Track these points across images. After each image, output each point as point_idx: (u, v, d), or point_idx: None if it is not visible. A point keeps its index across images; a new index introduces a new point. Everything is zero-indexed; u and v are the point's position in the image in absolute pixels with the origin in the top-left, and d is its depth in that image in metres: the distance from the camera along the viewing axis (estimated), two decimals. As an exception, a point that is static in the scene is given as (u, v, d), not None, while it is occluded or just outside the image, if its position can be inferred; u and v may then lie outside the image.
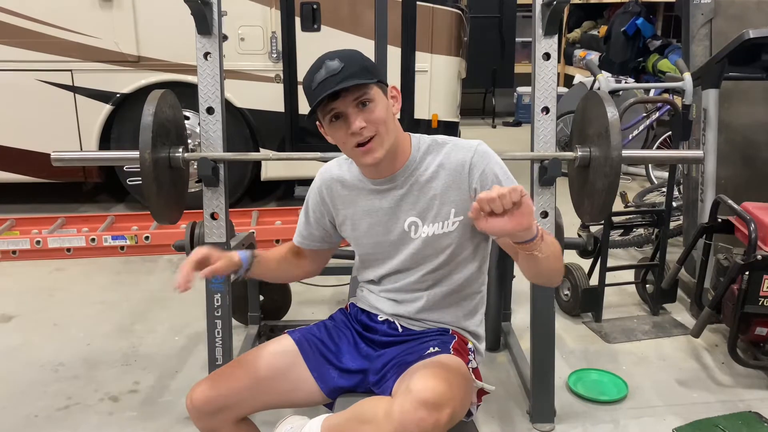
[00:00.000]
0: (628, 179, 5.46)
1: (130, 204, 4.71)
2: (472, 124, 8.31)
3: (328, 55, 1.48)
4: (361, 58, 1.49)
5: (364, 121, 1.45)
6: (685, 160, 2.89)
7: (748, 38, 2.74)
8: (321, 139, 1.61)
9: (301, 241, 1.76)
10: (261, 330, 2.76)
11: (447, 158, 1.56)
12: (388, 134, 1.49)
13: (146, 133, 1.94)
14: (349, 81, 1.41)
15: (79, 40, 4.17)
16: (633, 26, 6.53)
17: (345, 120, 1.46)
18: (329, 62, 1.44)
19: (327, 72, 1.43)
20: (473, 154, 1.53)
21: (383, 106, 1.48)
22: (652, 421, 2.31)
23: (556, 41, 2.17)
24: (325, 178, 1.68)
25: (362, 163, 1.52)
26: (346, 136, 1.47)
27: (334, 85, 1.41)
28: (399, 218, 1.59)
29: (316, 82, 1.44)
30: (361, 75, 1.44)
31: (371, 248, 1.65)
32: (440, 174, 1.55)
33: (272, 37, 4.17)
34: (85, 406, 2.39)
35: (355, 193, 1.63)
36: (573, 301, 3.08)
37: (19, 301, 3.27)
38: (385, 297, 1.68)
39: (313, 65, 1.48)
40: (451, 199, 1.55)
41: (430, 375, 1.37)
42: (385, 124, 1.48)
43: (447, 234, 1.57)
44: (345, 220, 1.66)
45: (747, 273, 2.38)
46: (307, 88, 1.48)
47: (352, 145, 1.48)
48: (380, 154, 1.48)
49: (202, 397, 1.54)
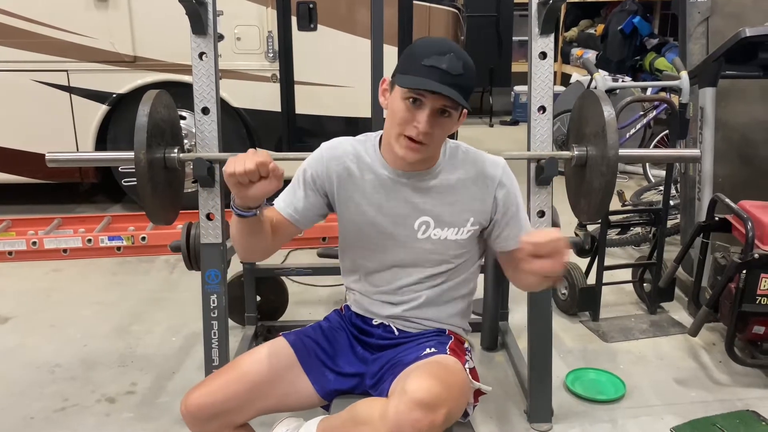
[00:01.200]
0: (626, 178, 5.46)
1: (126, 204, 4.70)
2: (470, 123, 8.30)
3: (454, 48, 1.44)
4: (473, 73, 1.47)
5: (431, 127, 1.43)
6: (683, 158, 2.89)
7: (744, 36, 2.74)
8: (318, 138, 1.59)
9: (291, 213, 1.60)
10: (258, 330, 2.76)
11: (475, 168, 1.59)
12: (437, 148, 1.53)
13: (141, 133, 1.93)
14: (458, 93, 1.40)
15: (75, 41, 4.16)
16: (630, 25, 6.53)
17: (419, 110, 1.42)
18: (455, 59, 1.41)
19: (447, 65, 1.40)
20: (503, 173, 1.59)
21: (452, 124, 1.48)
22: (650, 420, 2.31)
23: (553, 40, 2.17)
24: (338, 153, 1.60)
25: (397, 152, 1.47)
26: (408, 122, 1.43)
27: (445, 85, 1.39)
28: (411, 215, 1.57)
29: (431, 62, 1.40)
30: (466, 92, 1.44)
31: (369, 238, 1.60)
32: (467, 182, 1.57)
33: (268, 37, 4.16)
34: (82, 408, 2.38)
35: (371, 178, 1.58)
36: (570, 300, 3.07)
37: (15, 302, 3.26)
38: (379, 300, 1.65)
39: (437, 42, 1.46)
40: (473, 209, 1.58)
41: (425, 375, 1.37)
42: (442, 139, 1.51)
43: (459, 240, 1.58)
44: (349, 201, 1.59)
45: (744, 271, 2.38)
46: (417, 56, 1.43)
47: (403, 132, 1.44)
48: (418, 158, 1.48)
49: (196, 403, 1.52)
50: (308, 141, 3.89)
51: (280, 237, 1.62)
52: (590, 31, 8.02)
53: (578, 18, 8.48)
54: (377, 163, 1.58)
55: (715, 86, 2.95)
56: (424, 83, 1.39)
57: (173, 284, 3.47)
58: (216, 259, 2.19)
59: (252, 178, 1.34)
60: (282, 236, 1.63)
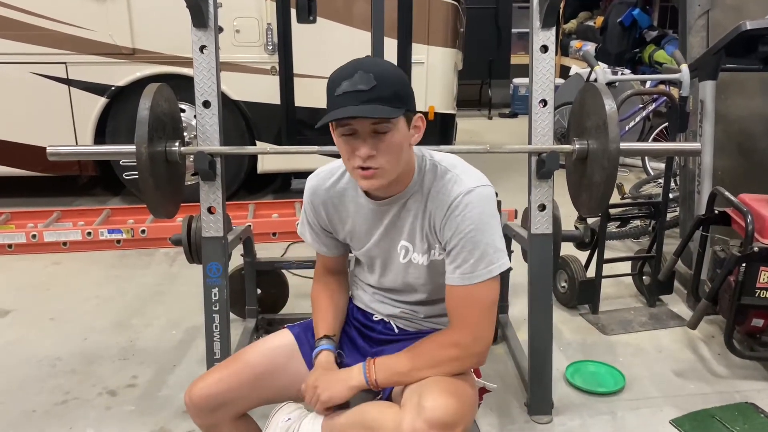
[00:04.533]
0: (626, 171, 5.46)
1: (125, 197, 4.70)
2: (469, 115, 8.30)
3: (363, 63, 1.36)
4: (396, 78, 1.37)
5: (375, 149, 1.36)
6: (683, 152, 2.89)
7: (745, 29, 2.73)
8: (318, 132, 1.58)
9: (326, 252, 1.69)
10: (259, 323, 2.76)
11: (437, 190, 1.47)
12: (395, 167, 1.41)
13: (142, 127, 1.92)
14: (376, 109, 1.32)
15: (74, 33, 4.15)
16: (629, 17, 6.50)
17: (356, 138, 1.37)
18: (363, 74, 1.33)
19: (357, 83, 1.32)
20: (460, 201, 1.43)
21: (400, 137, 1.38)
22: (650, 413, 2.32)
23: (554, 33, 2.16)
24: (319, 193, 1.60)
25: (361, 185, 1.46)
26: (351, 154, 1.38)
27: (359, 103, 1.31)
28: (394, 240, 1.56)
29: (342, 89, 1.33)
30: (391, 101, 1.33)
31: (370, 261, 1.63)
32: (430, 206, 1.48)
33: (268, 29, 4.15)
34: (83, 401, 2.39)
35: (355, 210, 1.57)
36: (570, 293, 3.08)
37: (15, 296, 3.26)
38: (379, 300, 1.67)
39: (344, 67, 1.37)
40: (437, 233, 1.49)
41: (442, 391, 1.35)
42: (396, 156, 1.39)
43: (436, 260, 1.53)
44: (346, 236, 1.63)
45: (744, 265, 2.38)
46: (330, 90, 1.37)
47: (354, 165, 1.39)
48: (379, 183, 1.41)
49: (200, 394, 1.53)
50: (307, 134, 3.88)
51: (342, 267, 1.75)
52: (589, 23, 8.00)
53: (577, 10, 8.46)
54: (357, 193, 1.56)
55: (715, 79, 2.94)
56: (340, 113, 1.32)
57: (173, 277, 3.47)
58: (217, 253, 2.19)
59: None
60: (342, 266, 1.76)
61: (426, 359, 1.43)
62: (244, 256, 2.71)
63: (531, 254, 2.23)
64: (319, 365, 1.53)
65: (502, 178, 3.87)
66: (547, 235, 2.20)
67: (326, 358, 1.55)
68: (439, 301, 1.61)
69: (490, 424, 2.23)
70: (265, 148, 3.41)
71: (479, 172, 1.50)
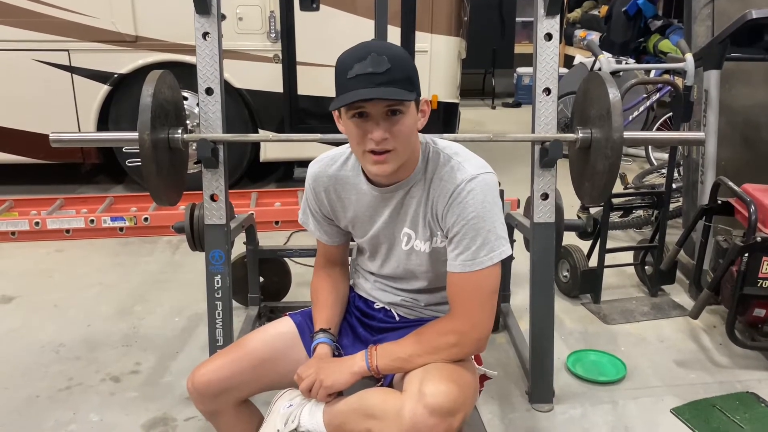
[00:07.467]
0: (629, 161, 5.45)
1: (128, 185, 4.70)
2: (472, 105, 8.28)
3: (374, 46, 1.36)
4: (408, 62, 1.37)
5: (388, 132, 1.35)
6: (687, 141, 2.89)
7: (750, 18, 2.72)
8: (320, 120, 1.57)
9: (328, 240, 1.69)
10: (261, 311, 2.77)
11: (440, 178, 1.47)
12: (406, 150, 1.41)
13: (145, 114, 1.92)
14: (392, 92, 1.32)
15: (76, 20, 4.13)
16: (634, 6, 6.45)
17: (368, 121, 1.36)
18: (377, 56, 1.32)
19: (371, 67, 1.31)
20: (463, 188, 1.43)
21: (411, 121, 1.39)
22: (651, 402, 2.33)
23: (559, 21, 2.14)
24: (321, 179, 1.60)
25: (370, 170, 1.44)
26: (363, 137, 1.37)
27: (377, 86, 1.31)
28: (397, 227, 1.56)
29: (354, 71, 1.32)
30: (404, 84, 1.34)
31: (372, 248, 1.63)
32: (433, 193, 1.48)
33: (270, 17, 4.13)
34: (86, 387, 2.40)
35: (357, 197, 1.57)
36: (572, 283, 3.08)
37: (18, 283, 3.28)
38: (380, 288, 1.68)
39: (354, 50, 1.36)
40: (440, 220, 1.49)
41: (442, 377, 1.36)
42: (408, 139, 1.40)
43: (438, 247, 1.53)
44: (348, 223, 1.63)
45: (746, 255, 2.38)
46: (341, 73, 1.35)
47: (365, 149, 1.39)
48: (391, 168, 1.41)
49: (203, 380, 1.53)
50: (310, 122, 3.88)
51: (342, 257, 1.75)
52: (594, 12, 7.94)
53: (582, -1, 8.40)
54: (359, 180, 1.56)
55: (720, 69, 2.93)
56: (355, 95, 1.32)
57: (176, 265, 3.48)
58: (220, 240, 2.19)
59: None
60: (343, 256, 1.75)
61: (426, 345, 1.44)
62: (247, 244, 2.71)
63: (533, 243, 2.23)
64: (317, 357, 1.54)
65: (505, 169, 3.86)
66: (550, 224, 2.20)
67: (323, 350, 1.56)
68: (440, 289, 1.61)
69: (492, 412, 2.24)
70: (268, 135, 3.40)
71: (482, 160, 1.50)
